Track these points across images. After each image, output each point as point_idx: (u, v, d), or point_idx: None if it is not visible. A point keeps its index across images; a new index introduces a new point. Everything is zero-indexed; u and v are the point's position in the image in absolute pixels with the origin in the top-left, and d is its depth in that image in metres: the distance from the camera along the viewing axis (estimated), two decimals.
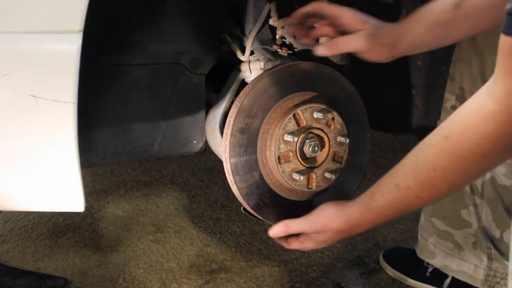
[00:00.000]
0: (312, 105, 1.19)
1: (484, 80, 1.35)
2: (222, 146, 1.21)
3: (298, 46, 1.32)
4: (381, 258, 1.79)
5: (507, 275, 1.48)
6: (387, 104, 1.74)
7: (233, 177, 1.19)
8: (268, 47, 1.32)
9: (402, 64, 1.66)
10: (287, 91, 1.22)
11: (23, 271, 1.71)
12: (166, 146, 1.37)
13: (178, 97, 1.35)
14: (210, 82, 1.43)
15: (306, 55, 1.29)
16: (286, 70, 1.22)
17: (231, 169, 1.19)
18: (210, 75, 1.40)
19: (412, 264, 1.69)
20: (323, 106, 1.20)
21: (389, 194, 0.96)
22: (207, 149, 1.44)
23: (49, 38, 0.96)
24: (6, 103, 0.99)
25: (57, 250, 1.84)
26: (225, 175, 1.21)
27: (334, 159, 1.25)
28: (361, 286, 1.71)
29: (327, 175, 1.24)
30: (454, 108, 1.46)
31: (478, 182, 1.48)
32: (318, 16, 1.15)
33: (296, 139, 1.19)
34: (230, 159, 1.19)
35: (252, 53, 1.36)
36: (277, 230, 1.13)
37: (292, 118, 1.18)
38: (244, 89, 1.21)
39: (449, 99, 1.48)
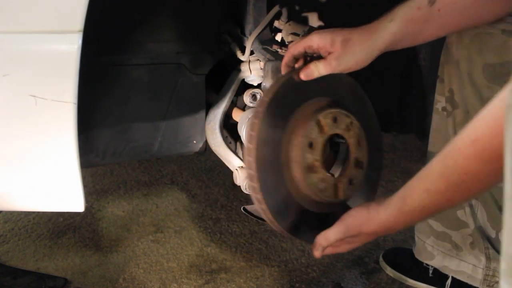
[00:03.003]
0: (331, 110, 1.15)
1: (472, 82, 1.35)
2: (245, 161, 1.12)
3: None
4: (381, 258, 1.79)
5: None
6: (387, 104, 1.75)
7: (261, 195, 1.10)
8: (268, 47, 1.32)
9: (402, 64, 1.67)
10: (304, 98, 1.17)
11: (23, 271, 1.71)
12: (166, 146, 1.38)
13: (178, 97, 1.35)
14: (210, 82, 1.43)
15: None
16: None
17: (259, 186, 1.09)
18: (210, 75, 1.40)
19: (412, 265, 1.68)
20: (342, 111, 1.16)
21: (421, 199, 0.96)
22: (207, 149, 1.44)
23: (49, 38, 0.96)
24: (6, 103, 0.99)
25: (57, 250, 1.83)
26: (225, 175, 1.20)
27: (356, 165, 1.20)
28: (361, 286, 1.71)
29: (352, 181, 1.20)
30: (444, 110, 1.45)
31: None
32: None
33: (320, 146, 1.13)
34: (257, 176, 1.09)
35: (252, 53, 1.36)
36: (323, 244, 1.13)
37: (315, 125, 1.12)
38: (261, 100, 1.13)
39: (440, 100, 1.47)
